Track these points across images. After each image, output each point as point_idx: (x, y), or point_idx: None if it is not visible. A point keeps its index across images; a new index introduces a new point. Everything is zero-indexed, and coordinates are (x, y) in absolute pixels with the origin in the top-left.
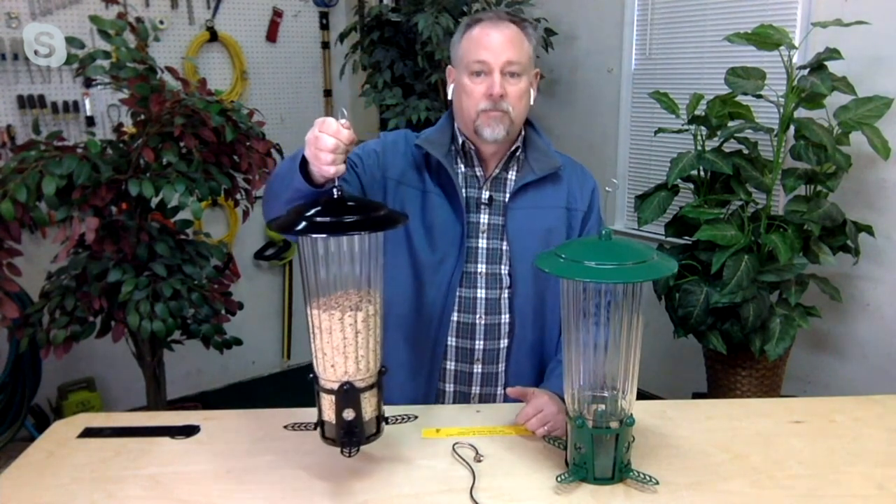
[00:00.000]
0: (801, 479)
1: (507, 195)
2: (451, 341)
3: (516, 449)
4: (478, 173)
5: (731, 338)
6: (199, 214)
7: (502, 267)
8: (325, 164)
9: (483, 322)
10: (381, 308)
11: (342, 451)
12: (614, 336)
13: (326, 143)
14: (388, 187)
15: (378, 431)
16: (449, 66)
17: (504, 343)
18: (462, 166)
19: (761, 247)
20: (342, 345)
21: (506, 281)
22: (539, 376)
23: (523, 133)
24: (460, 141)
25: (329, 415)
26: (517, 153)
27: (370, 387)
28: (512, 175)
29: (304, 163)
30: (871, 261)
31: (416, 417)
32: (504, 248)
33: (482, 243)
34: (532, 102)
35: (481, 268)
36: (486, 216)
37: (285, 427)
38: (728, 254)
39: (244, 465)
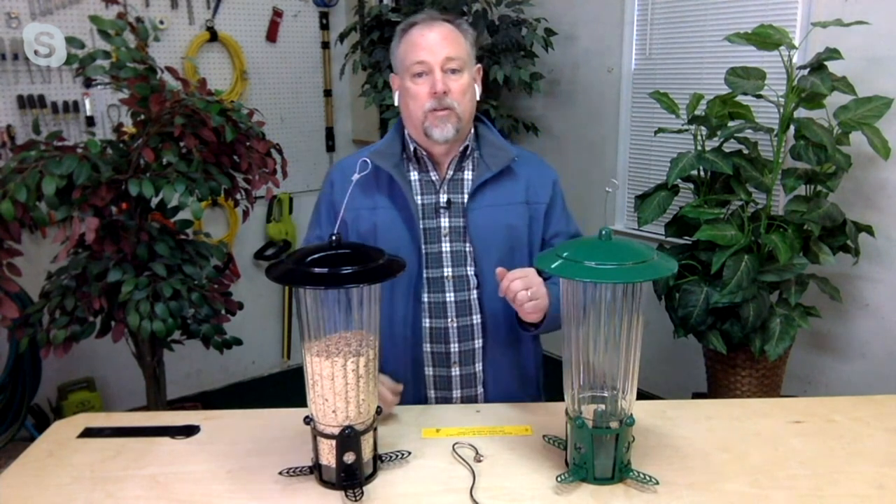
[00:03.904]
0: (801, 479)
1: (466, 196)
2: (427, 347)
3: (516, 449)
4: (433, 177)
5: (731, 338)
6: (199, 214)
7: (468, 268)
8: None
9: (455, 325)
10: (379, 349)
11: (346, 495)
12: (614, 336)
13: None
14: (347, 221)
15: (375, 472)
16: (392, 75)
17: (479, 343)
18: (416, 173)
19: (761, 247)
20: (344, 390)
21: (473, 282)
22: (518, 372)
23: (473, 130)
24: (412, 148)
25: (328, 459)
26: (468, 152)
27: (368, 428)
28: (468, 175)
29: None
30: (871, 261)
31: (409, 454)
32: (468, 249)
33: (445, 247)
34: (478, 97)
35: (447, 272)
36: (447, 220)
37: (280, 473)
38: (728, 254)
39: (244, 465)
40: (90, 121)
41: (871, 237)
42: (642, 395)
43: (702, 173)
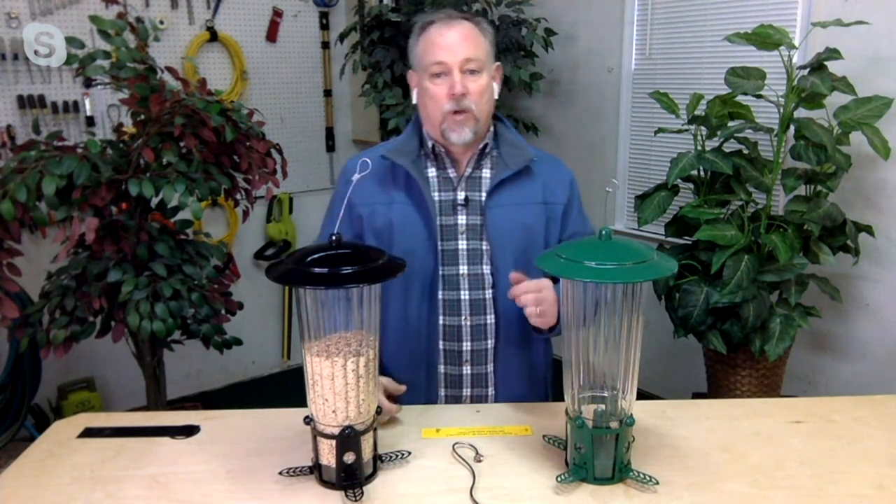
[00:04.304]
0: (801, 479)
1: (484, 194)
2: (441, 344)
3: (516, 449)
4: (451, 174)
5: (731, 338)
6: (199, 214)
7: (484, 267)
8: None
9: (469, 323)
10: (379, 350)
11: (346, 495)
12: (614, 336)
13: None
14: (363, 216)
15: (375, 472)
16: (410, 71)
17: (490, 343)
18: (433, 170)
19: (761, 247)
20: (344, 390)
21: (488, 280)
22: (529, 374)
23: (492, 129)
24: (430, 144)
25: (328, 459)
26: (487, 150)
27: (368, 428)
28: (487, 173)
29: None
30: (871, 261)
31: (409, 454)
32: (484, 247)
33: (462, 245)
34: (496, 97)
35: (463, 269)
36: (464, 217)
37: (280, 473)
38: (728, 254)
39: (244, 465)
40: (90, 121)
41: (871, 237)
42: (642, 395)
43: (702, 173)
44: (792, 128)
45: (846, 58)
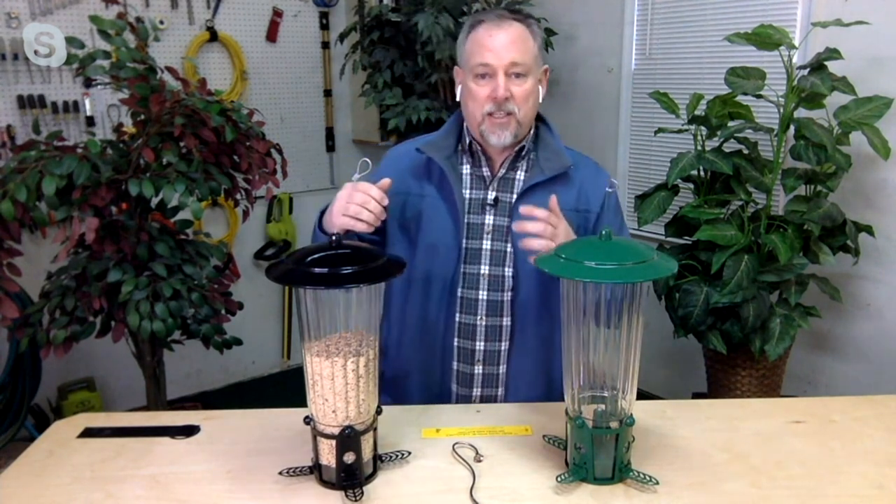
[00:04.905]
0: (801, 479)
1: (515, 196)
2: (455, 341)
3: (516, 449)
4: (484, 173)
5: (731, 338)
6: (199, 214)
7: (506, 269)
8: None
9: (484, 323)
10: (379, 349)
11: (346, 495)
12: (614, 336)
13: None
14: (393, 204)
15: (375, 472)
16: (456, 67)
17: (504, 345)
18: (468, 166)
19: (761, 247)
20: (344, 390)
21: (509, 283)
22: (543, 378)
23: (533, 131)
24: (468, 140)
25: (328, 459)
26: (523, 152)
27: (368, 428)
28: (520, 175)
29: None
30: (871, 261)
31: (409, 454)
32: (508, 249)
33: (486, 244)
34: (541, 100)
35: (484, 269)
36: (491, 217)
37: (280, 473)
38: (728, 254)
39: (244, 465)
40: (90, 121)
41: (871, 237)
42: (642, 395)
43: (702, 173)
44: (792, 128)
45: (846, 58)
